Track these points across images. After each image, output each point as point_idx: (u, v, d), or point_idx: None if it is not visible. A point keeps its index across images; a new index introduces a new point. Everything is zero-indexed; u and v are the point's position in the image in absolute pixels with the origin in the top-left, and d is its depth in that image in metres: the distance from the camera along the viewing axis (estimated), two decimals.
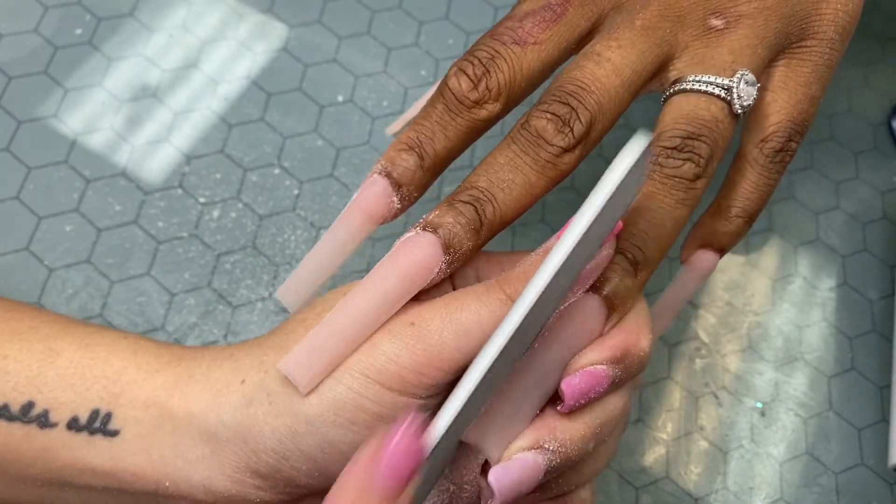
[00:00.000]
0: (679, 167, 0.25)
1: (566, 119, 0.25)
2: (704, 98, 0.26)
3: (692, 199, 0.26)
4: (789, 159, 0.28)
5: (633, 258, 0.25)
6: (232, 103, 0.41)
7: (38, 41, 0.41)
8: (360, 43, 0.44)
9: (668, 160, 0.25)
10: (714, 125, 0.26)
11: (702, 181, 0.26)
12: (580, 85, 0.25)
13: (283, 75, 0.42)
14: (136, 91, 0.41)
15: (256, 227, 0.38)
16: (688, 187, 0.25)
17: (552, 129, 0.25)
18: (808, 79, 0.28)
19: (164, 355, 0.26)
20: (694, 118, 0.26)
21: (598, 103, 0.25)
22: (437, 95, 0.27)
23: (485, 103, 0.26)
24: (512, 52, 0.26)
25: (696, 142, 0.25)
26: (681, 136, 0.25)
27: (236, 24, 0.43)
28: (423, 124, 0.26)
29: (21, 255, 0.36)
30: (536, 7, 0.27)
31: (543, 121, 0.25)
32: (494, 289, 0.24)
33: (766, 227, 0.43)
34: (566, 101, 0.25)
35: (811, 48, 0.28)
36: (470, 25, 0.45)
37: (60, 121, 0.39)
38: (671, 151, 0.25)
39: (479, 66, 0.26)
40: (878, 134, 0.46)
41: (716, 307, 0.40)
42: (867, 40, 0.49)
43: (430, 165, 0.26)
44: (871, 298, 0.42)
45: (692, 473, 0.36)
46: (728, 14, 0.27)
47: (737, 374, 0.39)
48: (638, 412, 0.37)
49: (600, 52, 0.26)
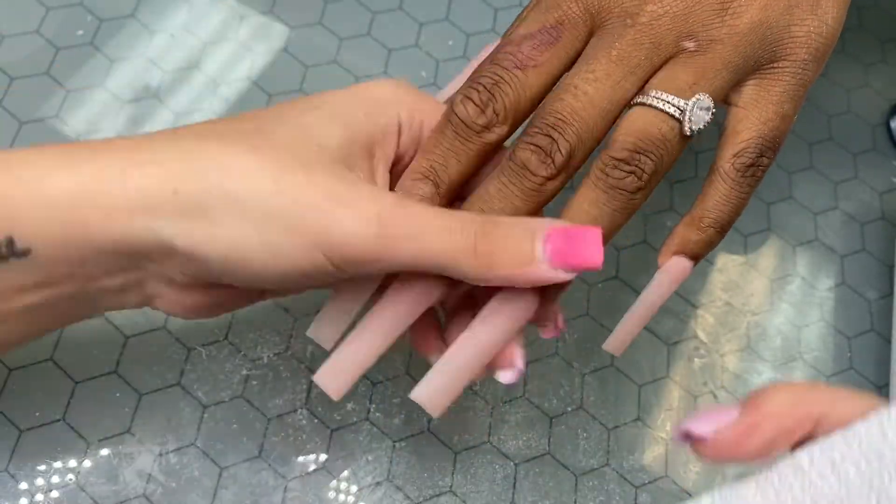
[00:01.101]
0: (622, 179, 0.27)
1: (548, 150, 0.27)
2: (659, 116, 0.28)
3: (630, 210, 0.28)
4: (761, 174, 0.30)
5: None
6: (233, 104, 0.41)
7: (40, 42, 0.41)
8: (360, 44, 0.44)
9: (613, 171, 0.27)
10: (662, 143, 0.28)
11: (641, 193, 0.28)
12: (559, 118, 0.27)
13: (284, 76, 0.42)
14: (138, 92, 0.41)
15: None
16: (628, 198, 0.27)
17: (536, 161, 0.27)
18: (779, 97, 0.29)
19: (58, 155, 0.23)
20: (645, 134, 0.27)
21: (576, 134, 0.27)
22: (446, 123, 0.28)
23: (493, 127, 0.28)
24: (514, 77, 0.28)
25: (642, 156, 0.27)
26: (629, 150, 0.27)
27: (237, 26, 0.43)
28: (435, 152, 0.28)
29: None
30: (533, 31, 0.29)
31: (528, 153, 0.27)
32: (472, 234, 0.25)
33: (765, 227, 0.43)
34: (548, 133, 0.27)
35: (783, 69, 0.29)
36: (470, 27, 0.45)
37: (62, 122, 0.39)
38: (618, 163, 0.27)
39: (485, 91, 0.28)
40: (877, 134, 0.46)
41: (714, 307, 0.40)
42: (867, 40, 0.49)
43: (445, 192, 0.28)
44: (869, 298, 0.42)
45: (691, 472, 0.37)
46: (700, 37, 0.28)
47: (735, 374, 0.39)
48: (637, 411, 0.37)
49: (577, 84, 0.28)
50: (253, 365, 0.36)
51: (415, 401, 0.27)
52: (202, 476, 0.33)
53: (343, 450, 0.34)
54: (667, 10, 0.28)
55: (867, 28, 0.50)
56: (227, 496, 0.33)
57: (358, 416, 0.35)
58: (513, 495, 0.35)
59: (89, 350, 0.35)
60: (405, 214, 0.24)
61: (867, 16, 0.50)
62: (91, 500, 0.32)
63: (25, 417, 0.33)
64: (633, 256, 0.41)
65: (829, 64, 0.48)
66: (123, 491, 0.32)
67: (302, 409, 0.35)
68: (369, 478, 0.34)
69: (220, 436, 0.34)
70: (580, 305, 0.39)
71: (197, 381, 0.35)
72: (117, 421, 0.34)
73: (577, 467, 0.36)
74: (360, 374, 0.27)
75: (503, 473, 0.35)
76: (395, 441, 0.35)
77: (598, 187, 0.28)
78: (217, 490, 0.33)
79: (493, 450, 0.35)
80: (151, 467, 0.33)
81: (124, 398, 0.34)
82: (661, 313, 0.39)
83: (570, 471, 0.36)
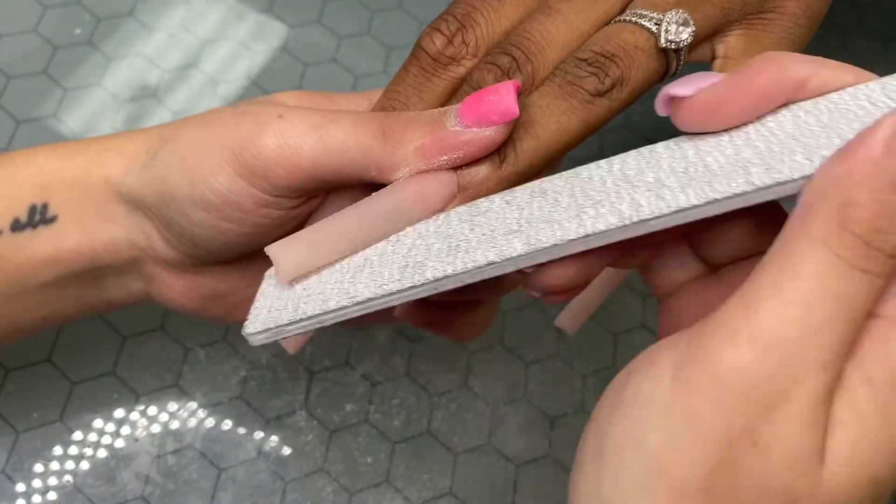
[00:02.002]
0: (582, 77, 0.24)
1: (506, 69, 0.25)
2: (631, 27, 0.25)
3: (585, 113, 0.25)
4: None
5: (503, 155, 0.24)
6: (231, 103, 0.41)
7: (38, 41, 0.41)
8: (359, 42, 0.44)
9: (574, 69, 0.25)
10: (633, 51, 0.25)
11: (602, 101, 0.25)
12: (526, 37, 0.25)
13: (283, 75, 0.42)
14: (136, 91, 0.41)
15: None
16: (584, 99, 0.24)
17: (491, 80, 0.25)
18: (770, 49, 0.27)
19: (82, 143, 0.28)
20: (613, 39, 0.25)
21: (544, 55, 0.25)
22: (411, 58, 0.26)
23: (461, 59, 0.25)
24: (489, 6, 0.26)
25: (607, 60, 0.25)
26: (594, 52, 0.25)
27: (236, 24, 0.43)
28: (397, 90, 0.26)
29: None
30: None
31: (484, 72, 0.25)
32: (373, 120, 0.24)
33: None
34: (509, 52, 0.25)
35: (772, 21, 0.27)
36: None
37: (60, 121, 0.39)
38: (579, 62, 0.25)
39: (454, 21, 0.25)
40: None
41: None
42: (867, 40, 0.49)
43: None
44: None
45: None
46: None
47: None
48: None
49: (551, 3, 0.26)
50: (251, 366, 0.35)
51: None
52: (200, 478, 0.33)
53: (342, 451, 0.34)
54: None
55: (867, 28, 0.50)
56: (226, 498, 0.33)
57: (357, 417, 0.35)
58: (513, 497, 0.35)
59: (87, 351, 0.35)
60: (309, 109, 0.25)
61: (868, 16, 0.50)
62: (89, 501, 0.32)
63: (23, 418, 0.33)
64: None
65: None
66: (121, 493, 0.32)
67: (301, 411, 0.35)
68: (369, 480, 0.34)
69: (219, 437, 0.34)
70: None
71: (195, 382, 0.35)
72: (115, 422, 0.33)
73: None
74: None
75: (504, 475, 0.35)
76: (394, 442, 0.35)
77: (554, 83, 0.25)
78: (215, 492, 0.33)
79: (494, 451, 0.35)
80: (149, 469, 0.33)
81: (122, 399, 0.34)
82: None
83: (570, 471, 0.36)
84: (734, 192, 0.19)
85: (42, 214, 0.27)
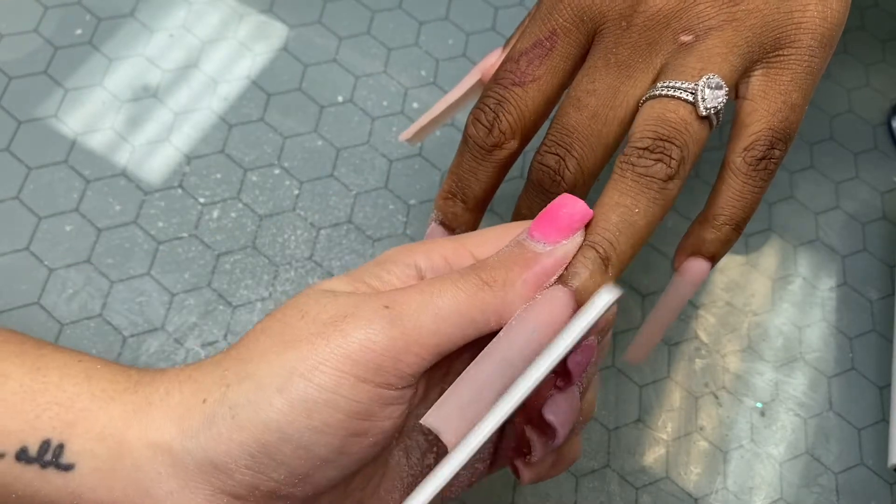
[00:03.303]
0: (650, 167, 0.26)
1: (556, 169, 0.28)
2: (672, 102, 0.27)
3: (664, 200, 0.27)
4: (774, 167, 0.29)
5: (604, 254, 0.26)
6: (232, 103, 0.41)
7: (39, 41, 0.41)
8: (360, 43, 0.44)
9: (639, 160, 0.27)
10: (683, 127, 0.27)
11: (674, 182, 0.27)
12: (564, 133, 0.28)
13: (283, 75, 0.42)
14: (137, 91, 0.41)
15: (256, 228, 0.38)
16: (660, 187, 0.27)
17: (548, 181, 0.28)
18: (787, 87, 0.28)
19: (120, 381, 0.24)
20: (663, 120, 0.27)
21: (582, 147, 0.28)
22: (463, 145, 0.30)
23: (503, 144, 0.29)
24: (515, 94, 0.29)
25: (666, 143, 0.27)
26: (651, 138, 0.27)
27: (236, 25, 0.43)
28: (458, 173, 0.30)
29: (21, 255, 0.36)
30: (528, 45, 0.29)
31: (541, 173, 0.28)
32: (471, 275, 0.24)
33: (766, 227, 0.43)
34: (555, 152, 0.28)
35: (788, 56, 0.29)
36: (470, 26, 0.45)
37: (61, 121, 0.39)
38: (642, 152, 0.27)
39: (490, 112, 0.29)
40: (878, 134, 0.46)
41: (716, 307, 0.40)
42: (867, 40, 0.49)
43: (473, 206, 0.30)
44: (870, 298, 0.42)
45: (692, 473, 0.36)
46: (696, 29, 0.28)
47: (737, 374, 0.39)
48: (638, 412, 0.37)
49: (579, 97, 0.28)
50: None
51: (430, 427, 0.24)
52: None
53: None
54: (660, 7, 0.28)
55: (868, 28, 0.50)
56: None
57: None
58: (513, 497, 0.35)
59: (88, 350, 0.35)
60: (407, 289, 0.24)
61: (868, 16, 0.50)
62: None
63: None
64: (635, 260, 0.41)
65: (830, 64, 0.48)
66: None
67: None
68: None
69: None
70: None
71: None
72: None
73: (578, 468, 0.36)
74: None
75: (504, 474, 0.35)
76: None
77: (626, 177, 0.27)
78: None
79: None
80: None
81: None
82: None
83: (570, 472, 0.36)
84: None
85: (56, 456, 0.22)
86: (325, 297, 0.24)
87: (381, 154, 0.41)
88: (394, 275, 0.25)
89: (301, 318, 0.23)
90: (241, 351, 0.24)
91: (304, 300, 0.24)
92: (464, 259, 0.26)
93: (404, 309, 0.23)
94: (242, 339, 0.24)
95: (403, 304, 0.23)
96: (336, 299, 0.24)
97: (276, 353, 0.23)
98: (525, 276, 0.25)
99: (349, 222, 0.39)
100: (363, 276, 0.25)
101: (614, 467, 0.36)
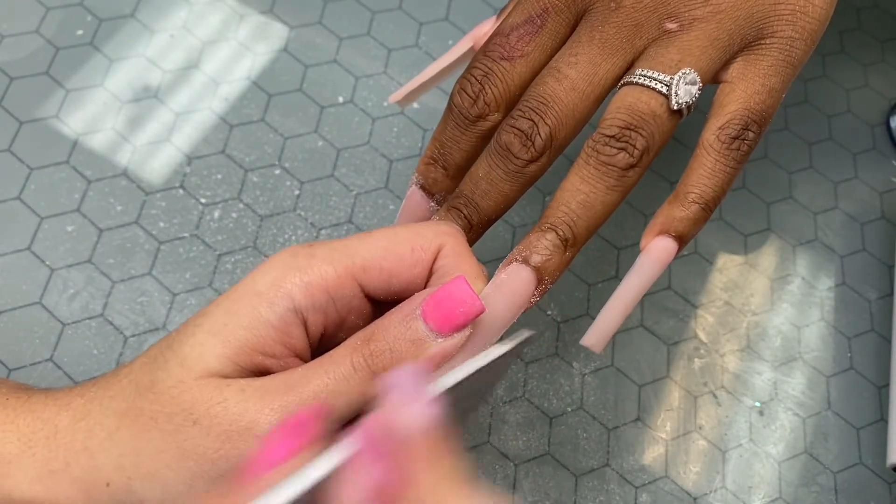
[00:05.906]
0: (613, 156, 0.28)
1: (529, 133, 0.28)
2: (646, 92, 0.28)
3: (623, 187, 0.28)
4: (747, 148, 0.29)
5: (563, 235, 0.27)
6: (233, 104, 0.41)
7: (40, 42, 0.41)
8: (360, 44, 0.44)
9: (604, 147, 0.28)
10: (652, 118, 0.28)
11: (635, 171, 0.28)
12: (541, 101, 0.28)
13: (284, 76, 0.42)
14: (138, 92, 0.41)
15: (257, 228, 0.38)
16: (620, 175, 0.28)
17: (518, 144, 0.28)
18: (766, 71, 0.29)
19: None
20: (633, 110, 0.28)
21: (557, 117, 0.28)
22: (447, 112, 0.30)
23: (487, 115, 0.29)
24: (503, 68, 0.29)
25: (632, 133, 0.28)
26: (619, 126, 0.28)
27: (237, 25, 0.43)
28: (441, 140, 0.30)
29: (22, 255, 0.36)
30: (520, 21, 0.30)
31: (511, 136, 0.28)
32: (364, 368, 0.24)
33: (765, 227, 0.43)
34: (529, 117, 0.28)
35: (770, 45, 0.29)
36: (470, 26, 0.45)
37: (62, 121, 0.39)
38: (609, 139, 0.28)
39: (476, 83, 0.29)
40: (877, 134, 0.46)
41: (714, 307, 0.40)
42: (867, 40, 0.49)
43: (453, 173, 0.31)
44: (869, 298, 0.42)
45: (691, 472, 0.37)
46: (682, 18, 0.29)
47: (735, 374, 0.39)
48: (637, 411, 0.37)
49: (560, 68, 0.29)
50: None
51: None
52: None
53: None
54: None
55: (867, 28, 0.50)
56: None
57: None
58: (513, 496, 0.35)
59: (89, 350, 0.35)
60: (282, 380, 0.24)
61: (867, 16, 0.50)
62: None
63: None
64: (632, 255, 0.41)
65: (828, 64, 0.48)
66: None
67: None
68: None
69: None
70: (580, 305, 0.39)
71: None
72: None
73: (578, 468, 0.36)
74: None
75: (503, 474, 0.35)
76: None
77: (590, 164, 0.28)
78: None
79: (493, 450, 0.35)
80: None
81: None
82: (660, 313, 0.39)
83: (570, 471, 0.36)
84: None
85: None
86: (217, 407, 0.23)
87: (382, 154, 0.41)
88: (272, 328, 0.24)
89: (193, 424, 0.24)
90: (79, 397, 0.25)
91: (199, 397, 0.24)
92: (347, 289, 0.25)
93: (277, 400, 0.23)
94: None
95: (277, 392, 0.24)
96: (227, 411, 0.23)
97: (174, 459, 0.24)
98: (409, 365, 0.23)
99: (349, 222, 0.39)
100: (246, 347, 0.24)
101: (613, 466, 0.36)
